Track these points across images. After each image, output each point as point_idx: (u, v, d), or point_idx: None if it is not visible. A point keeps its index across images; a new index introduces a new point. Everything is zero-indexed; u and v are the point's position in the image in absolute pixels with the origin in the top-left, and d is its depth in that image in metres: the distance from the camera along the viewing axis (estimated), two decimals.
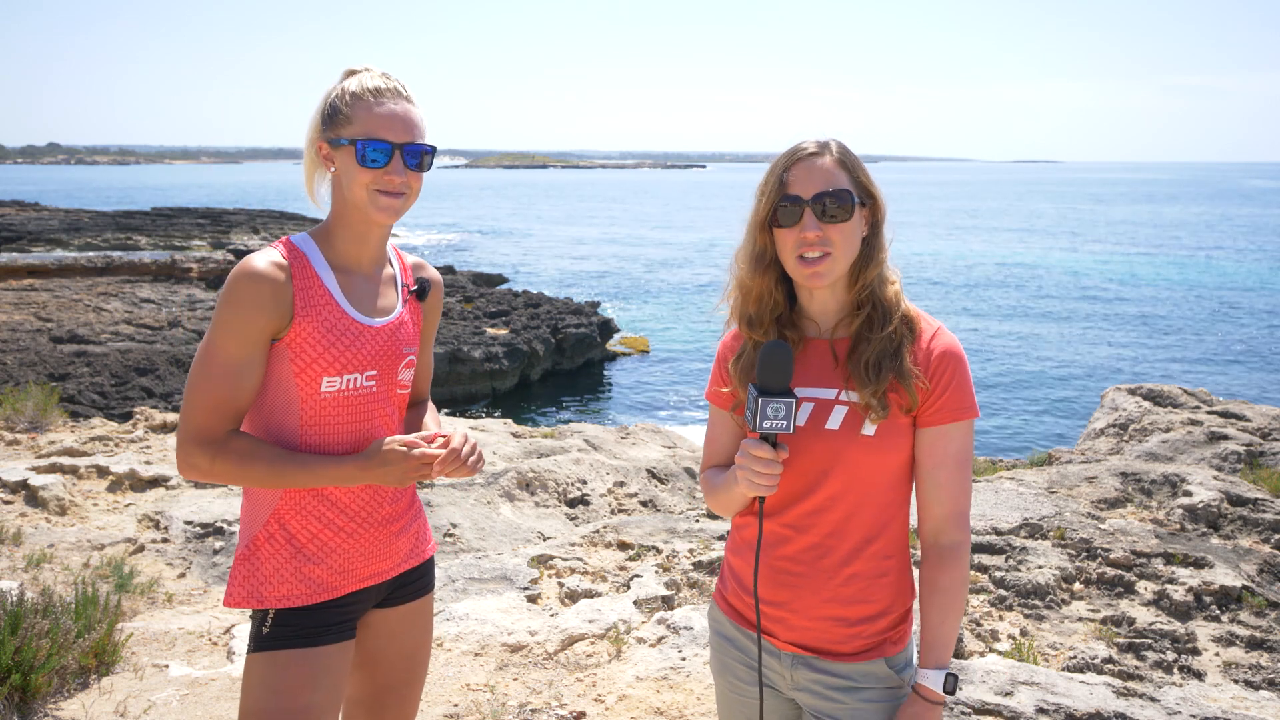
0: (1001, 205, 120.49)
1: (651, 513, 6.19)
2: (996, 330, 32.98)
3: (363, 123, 1.79)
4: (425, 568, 2.09)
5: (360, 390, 1.86)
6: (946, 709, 3.20)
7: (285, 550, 1.86)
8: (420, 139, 1.84)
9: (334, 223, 1.89)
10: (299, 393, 1.81)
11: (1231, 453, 6.35)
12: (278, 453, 1.79)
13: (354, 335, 1.84)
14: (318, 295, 1.82)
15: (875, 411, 1.66)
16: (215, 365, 1.76)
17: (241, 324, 1.75)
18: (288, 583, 1.85)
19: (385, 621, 2.02)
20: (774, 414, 1.59)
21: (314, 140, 1.86)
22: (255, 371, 1.79)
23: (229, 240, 44.85)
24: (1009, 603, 4.28)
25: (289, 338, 1.79)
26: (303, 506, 1.86)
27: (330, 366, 1.81)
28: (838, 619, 1.73)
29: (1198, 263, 53.41)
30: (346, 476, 1.82)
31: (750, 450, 1.62)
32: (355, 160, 1.79)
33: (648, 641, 3.81)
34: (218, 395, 1.76)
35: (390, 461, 1.81)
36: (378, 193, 1.81)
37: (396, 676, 2.05)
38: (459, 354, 22.33)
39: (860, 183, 1.70)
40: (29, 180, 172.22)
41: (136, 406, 11.22)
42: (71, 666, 3.40)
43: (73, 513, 5.44)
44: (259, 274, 1.75)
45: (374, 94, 1.81)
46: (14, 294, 26.52)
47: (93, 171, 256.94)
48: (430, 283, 2.05)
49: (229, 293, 1.75)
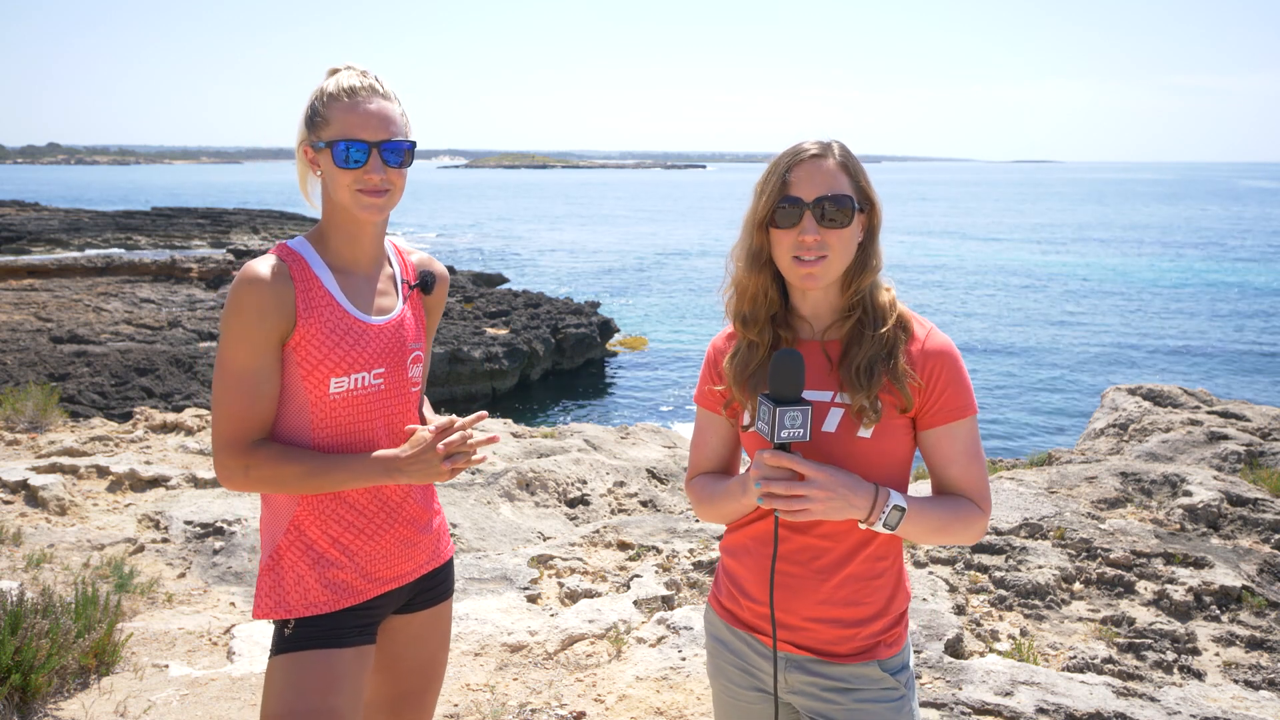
0: (1001, 205, 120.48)
1: (651, 513, 6.19)
2: (996, 330, 32.98)
3: (340, 124, 1.79)
4: (445, 571, 2.09)
5: (369, 389, 1.86)
6: (947, 709, 3.20)
7: (306, 558, 1.85)
8: (398, 135, 1.83)
9: (326, 224, 1.89)
10: (308, 395, 1.81)
11: (1231, 453, 6.34)
12: (310, 455, 1.80)
13: (358, 334, 1.84)
14: (319, 297, 1.82)
15: (869, 415, 1.65)
16: (231, 376, 1.77)
17: (248, 332, 1.75)
18: (311, 590, 1.84)
19: (407, 627, 2.02)
20: (791, 423, 1.57)
21: (300, 144, 1.87)
22: (272, 377, 1.79)
23: (229, 240, 44.87)
24: (1009, 603, 4.28)
25: (294, 341, 1.79)
26: (321, 511, 1.85)
27: (337, 367, 1.81)
28: (832, 620, 1.72)
29: (1198, 262, 53.40)
30: (380, 475, 1.82)
31: (769, 461, 1.60)
32: (335, 162, 1.79)
33: (648, 641, 3.81)
34: (239, 405, 1.77)
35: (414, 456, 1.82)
36: (360, 193, 1.80)
37: (414, 682, 2.04)
38: (459, 354, 22.32)
39: (860, 187, 1.70)
40: (29, 180, 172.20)
41: (136, 406, 11.22)
42: (71, 666, 3.40)
43: (73, 513, 5.44)
44: (259, 280, 1.76)
45: (349, 94, 1.81)
46: (14, 294, 26.53)
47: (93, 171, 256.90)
48: (435, 277, 2.04)
49: (232, 302, 1.76)
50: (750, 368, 1.75)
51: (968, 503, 1.71)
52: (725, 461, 1.89)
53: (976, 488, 1.72)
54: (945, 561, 4.67)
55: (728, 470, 1.89)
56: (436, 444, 1.81)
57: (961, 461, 1.70)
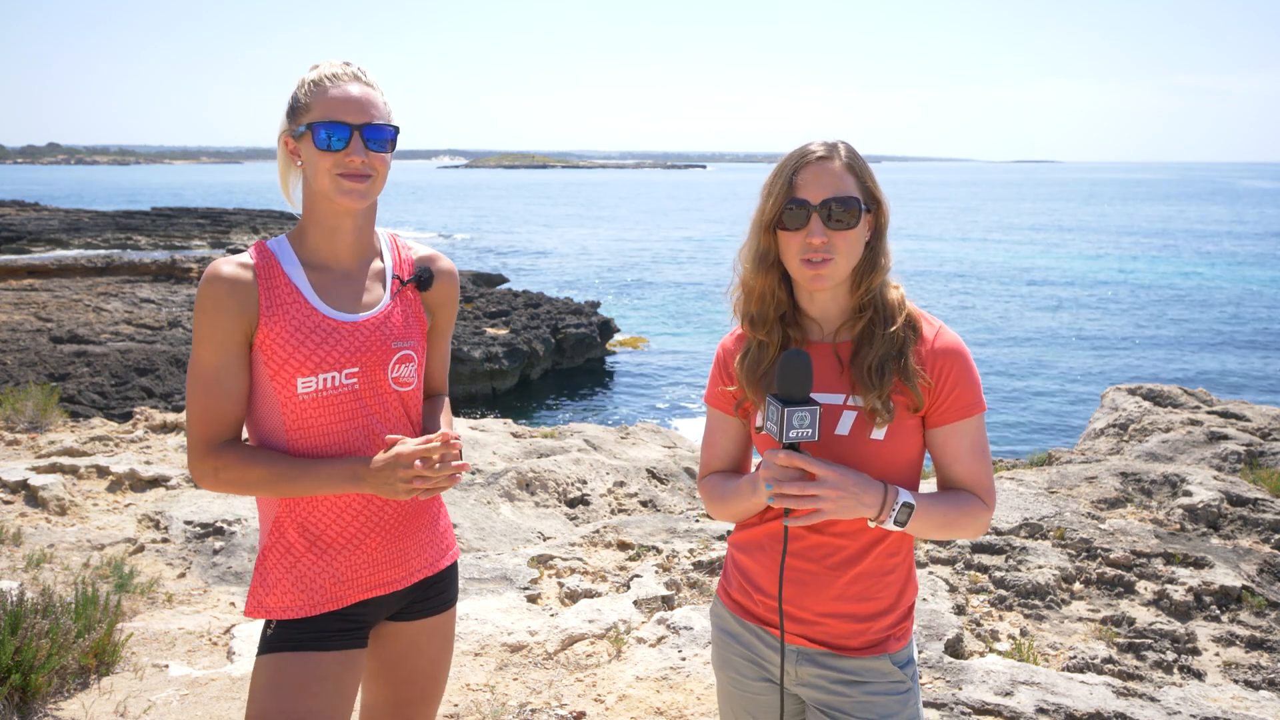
0: (1001, 205, 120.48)
1: (651, 513, 6.19)
2: (996, 330, 32.98)
3: (321, 107, 1.77)
4: (446, 577, 2.01)
5: (340, 389, 1.80)
6: (947, 709, 3.20)
7: (285, 560, 1.83)
8: (380, 120, 1.80)
9: (305, 219, 1.86)
10: (277, 395, 1.78)
11: (1231, 453, 6.34)
12: (275, 458, 1.76)
13: (326, 333, 1.79)
14: (284, 294, 1.78)
15: (881, 415, 1.67)
16: (197, 374, 1.76)
17: (210, 328, 1.74)
18: (289, 593, 1.82)
19: (404, 634, 1.97)
20: (799, 423, 1.58)
21: (281, 135, 1.85)
22: (236, 375, 1.77)
23: (229, 240, 44.87)
24: (1009, 603, 4.28)
25: (259, 339, 1.77)
26: (299, 513, 1.83)
27: (302, 366, 1.77)
28: (846, 615, 1.75)
29: (1198, 262, 53.40)
30: (345, 483, 1.76)
31: (780, 461, 1.61)
32: (315, 145, 1.76)
33: (648, 641, 3.81)
34: (205, 403, 1.76)
35: (379, 469, 1.74)
36: (340, 176, 1.77)
37: (414, 691, 2.00)
38: (459, 354, 22.35)
39: (867, 188, 1.71)
40: (29, 180, 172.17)
41: (136, 406, 11.22)
42: (71, 666, 3.40)
43: (73, 513, 5.44)
44: (219, 277, 1.75)
45: (330, 79, 1.79)
46: (14, 294, 26.52)
47: (93, 171, 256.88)
48: (435, 273, 1.96)
49: (197, 299, 1.76)
50: (761, 368, 1.76)
51: (973, 498, 1.73)
52: (736, 461, 1.90)
53: (981, 483, 1.73)
54: (945, 561, 4.67)
55: (739, 470, 1.91)
56: (410, 463, 1.72)
57: (968, 458, 1.72)
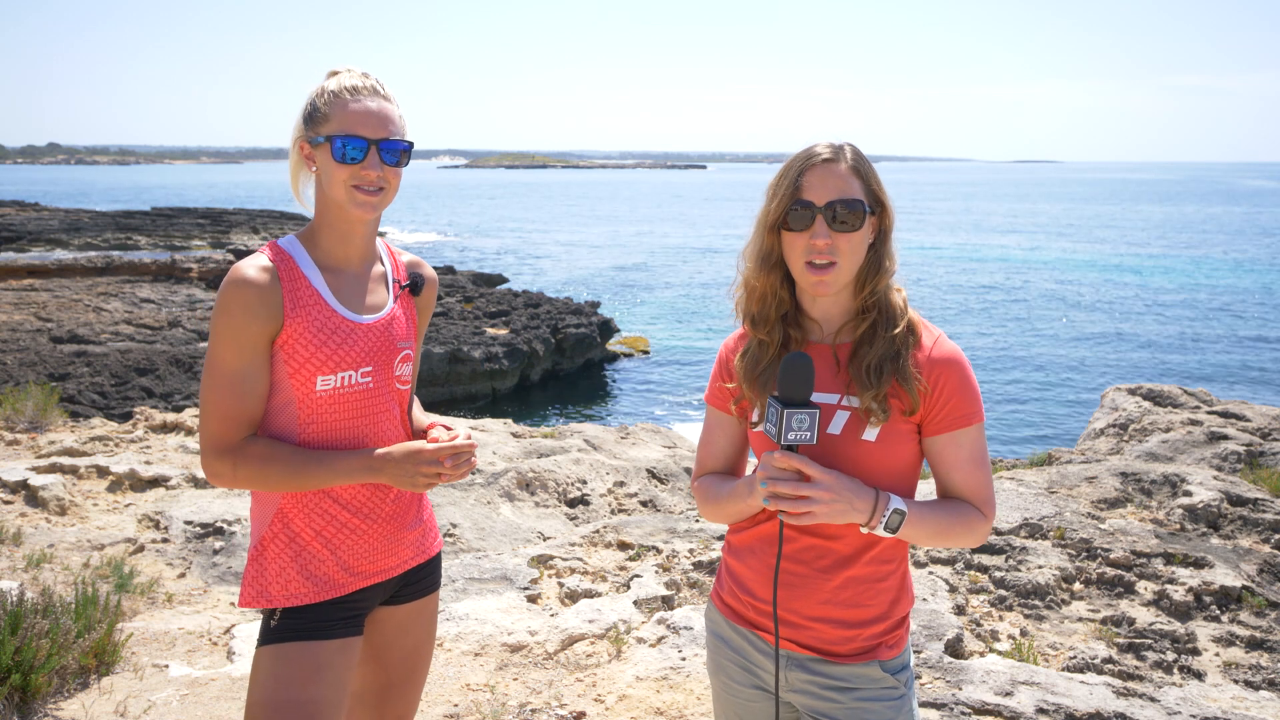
0: (1000, 205, 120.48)
1: (651, 513, 6.19)
2: (996, 330, 32.98)
3: (340, 120, 1.82)
4: (432, 564, 2.10)
5: (357, 387, 1.87)
6: (947, 709, 3.20)
7: (290, 549, 1.88)
8: (397, 135, 1.86)
9: (318, 222, 1.91)
10: (295, 393, 1.83)
11: (1231, 453, 6.34)
12: (294, 452, 1.81)
13: (345, 333, 1.86)
14: (306, 295, 1.84)
15: (876, 415, 1.66)
16: (219, 376, 1.79)
17: (235, 332, 1.77)
18: (294, 581, 1.87)
19: (392, 618, 2.04)
20: (798, 425, 1.59)
21: (296, 140, 1.89)
22: (259, 377, 1.81)
23: (229, 240, 44.84)
24: (1009, 603, 4.28)
25: (282, 339, 1.81)
26: (307, 504, 1.88)
27: (324, 365, 1.83)
28: (835, 621, 1.73)
29: (1197, 262, 53.41)
30: (361, 473, 1.84)
31: (777, 462, 1.61)
32: (333, 157, 1.81)
33: (648, 641, 3.81)
34: (227, 405, 1.79)
35: (399, 461, 1.83)
36: (355, 189, 1.83)
37: (399, 673, 2.08)
38: (459, 354, 22.32)
39: (872, 191, 1.71)
40: (29, 180, 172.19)
41: (136, 406, 11.22)
42: (71, 666, 3.40)
43: (73, 513, 5.44)
44: (246, 280, 1.78)
45: (351, 92, 1.84)
46: (14, 294, 26.51)
47: (93, 171, 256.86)
48: (424, 279, 2.07)
49: (220, 302, 1.78)
50: (760, 366, 1.77)
51: (970, 508, 1.72)
52: (732, 462, 1.90)
53: (980, 493, 1.72)
54: (945, 561, 4.67)
55: (733, 471, 1.91)
56: (431, 460, 1.83)
57: (965, 468, 1.71)
